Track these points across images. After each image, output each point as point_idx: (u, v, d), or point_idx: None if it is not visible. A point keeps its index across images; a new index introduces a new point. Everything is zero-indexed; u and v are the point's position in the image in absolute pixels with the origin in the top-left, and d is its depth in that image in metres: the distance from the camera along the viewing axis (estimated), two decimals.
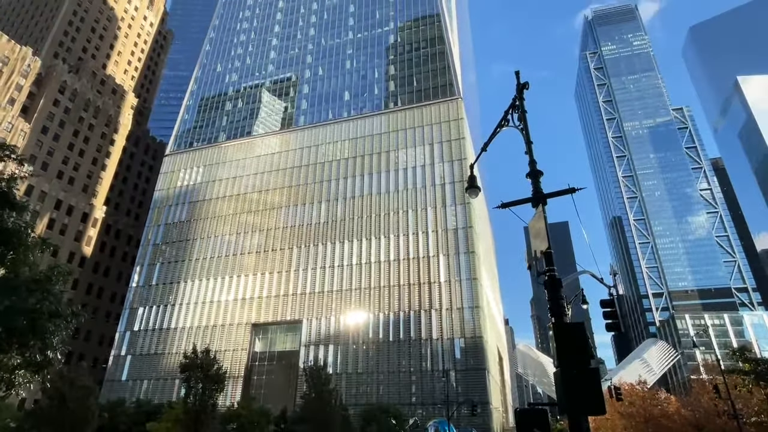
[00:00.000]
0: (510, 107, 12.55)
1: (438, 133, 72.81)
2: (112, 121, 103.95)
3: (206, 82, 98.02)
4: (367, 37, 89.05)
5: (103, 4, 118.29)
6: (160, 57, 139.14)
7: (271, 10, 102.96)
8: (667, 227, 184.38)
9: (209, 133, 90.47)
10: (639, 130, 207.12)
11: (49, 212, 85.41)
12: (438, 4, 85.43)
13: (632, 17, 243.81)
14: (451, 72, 77.74)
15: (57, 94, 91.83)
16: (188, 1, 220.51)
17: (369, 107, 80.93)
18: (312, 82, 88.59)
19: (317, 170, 77.38)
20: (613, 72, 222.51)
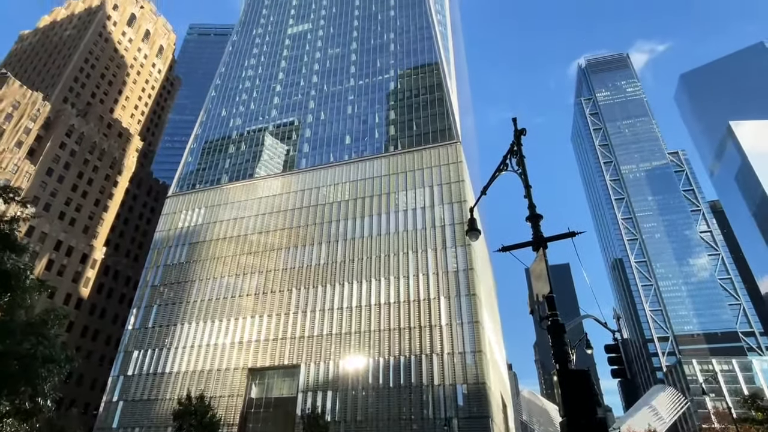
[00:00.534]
0: (508, 152, 12.83)
1: (438, 176, 73.73)
2: (116, 163, 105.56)
3: (211, 126, 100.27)
4: (368, 84, 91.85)
5: (114, 52, 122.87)
6: (166, 102, 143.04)
7: (276, 58, 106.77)
8: (669, 269, 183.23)
9: (212, 175, 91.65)
10: (636, 173, 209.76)
11: (48, 253, 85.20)
12: (436, 54, 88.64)
13: (624, 65, 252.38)
14: (450, 117, 79.65)
15: (64, 137, 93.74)
16: (196, 49, 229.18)
17: (370, 150, 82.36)
18: (314, 126, 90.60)
19: (318, 212, 77.82)
20: (608, 117, 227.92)
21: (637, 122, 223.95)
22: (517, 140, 12.87)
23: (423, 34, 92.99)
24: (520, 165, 12.31)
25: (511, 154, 12.77)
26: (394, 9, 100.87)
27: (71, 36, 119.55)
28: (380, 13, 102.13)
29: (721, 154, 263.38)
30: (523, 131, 13.01)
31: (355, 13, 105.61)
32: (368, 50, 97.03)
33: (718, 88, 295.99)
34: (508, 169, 12.85)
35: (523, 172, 12.27)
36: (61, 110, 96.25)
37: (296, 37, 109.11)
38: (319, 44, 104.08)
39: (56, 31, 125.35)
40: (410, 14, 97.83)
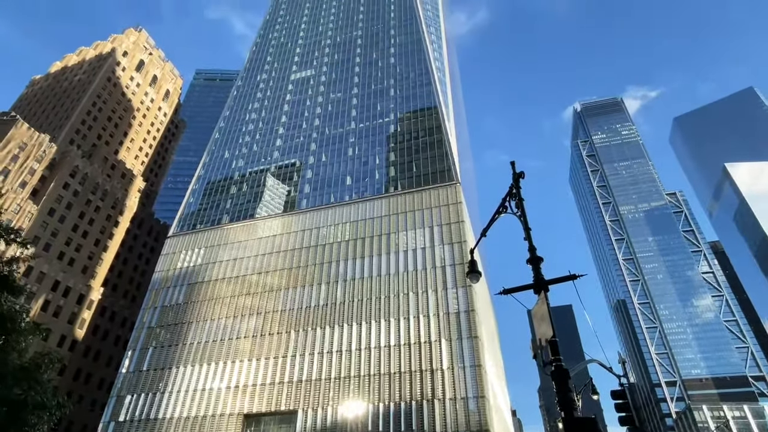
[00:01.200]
0: (507, 195, 12.98)
1: (438, 217, 74.06)
2: (118, 203, 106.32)
3: (213, 167, 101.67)
4: (368, 127, 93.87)
5: (122, 96, 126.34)
6: (171, 144, 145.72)
7: (279, 102, 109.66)
8: (673, 311, 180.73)
9: (213, 215, 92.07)
10: (635, 213, 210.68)
11: (45, 293, 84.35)
12: (435, 98, 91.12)
13: (618, 109, 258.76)
14: (449, 158, 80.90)
15: (68, 178, 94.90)
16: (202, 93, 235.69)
17: (370, 191, 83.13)
18: (315, 168, 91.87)
19: (318, 252, 77.62)
20: (605, 159, 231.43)
21: (634, 164, 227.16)
22: (515, 183, 13.06)
23: (422, 80, 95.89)
24: (519, 208, 12.43)
25: (510, 197, 12.92)
26: (394, 57, 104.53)
27: (81, 81, 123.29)
28: (381, 61, 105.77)
29: (718, 195, 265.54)
30: (522, 174, 13.22)
31: (357, 60, 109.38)
32: (369, 95, 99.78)
33: (711, 130, 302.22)
34: (507, 212, 12.96)
35: (522, 214, 12.37)
36: (67, 151, 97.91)
37: (299, 82, 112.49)
38: (322, 89, 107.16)
39: (67, 76, 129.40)
40: (410, 61, 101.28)
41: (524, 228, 11.95)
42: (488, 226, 13.45)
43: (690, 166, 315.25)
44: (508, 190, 12.99)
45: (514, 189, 12.98)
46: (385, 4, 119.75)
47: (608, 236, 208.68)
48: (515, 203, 12.74)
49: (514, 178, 13.23)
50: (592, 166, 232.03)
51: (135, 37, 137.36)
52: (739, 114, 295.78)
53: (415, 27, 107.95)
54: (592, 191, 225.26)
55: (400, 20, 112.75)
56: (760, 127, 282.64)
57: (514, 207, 12.74)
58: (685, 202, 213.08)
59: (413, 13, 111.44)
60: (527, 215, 12.51)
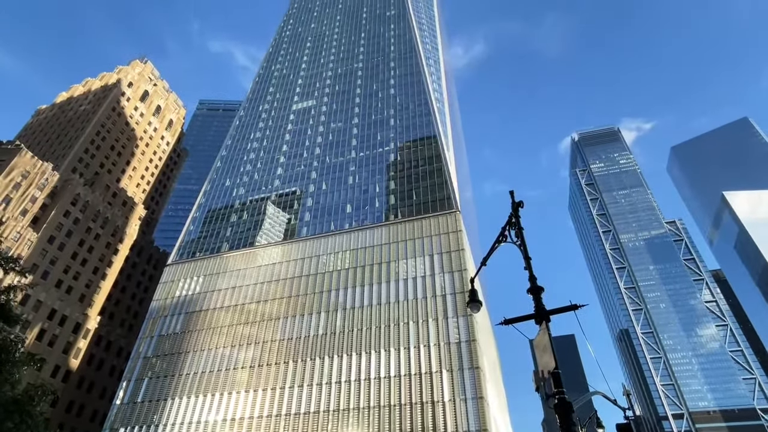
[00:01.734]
0: (507, 224, 13.02)
1: (438, 245, 73.93)
2: (118, 231, 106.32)
3: (214, 195, 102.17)
4: (369, 156, 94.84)
5: (126, 125, 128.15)
6: (172, 172, 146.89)
7: (281, 132, 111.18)
8: (678, 341, 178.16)
9: (212, 243, 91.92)
10: (635, 242, 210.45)
11: (41, 322, 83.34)
12: (434, 128, 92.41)
13: (616, 138, 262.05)
14: (448, 187, 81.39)
15: (69, 205, 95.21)
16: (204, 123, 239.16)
17: (370, 219, 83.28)
18: (316, 196, 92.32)
19: (317, 280, 77.12)
20: (603, 187, 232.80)
21: (633, 192, 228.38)
22: (515, 212, 13.12)
23: (422, 111, 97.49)
24: (519, 237, 12.46)
25: (509, 226, 12.96)
26: (394, 88, 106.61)
27: (86, 110, 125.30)
28: (381, 92, 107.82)
29: (718, 223, 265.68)
30: (521, 203, 13.30)
31: (357, 91, 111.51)
32: (369, 125, 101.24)
33: (708, 159, 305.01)
34: (507, 241, 12.98)
35: (522, 243, 12.39)
36: (69, 180, 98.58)
37: (301, 112, 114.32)
38: (323, 119, 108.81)
39: (72, 106, 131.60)
40: (409, 92, 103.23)
41: (524, 257, 11.94)
42: (488, 255, 13.45)
43: (688, 194, 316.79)
44: (507, 219, 13.05)
45: (513, 218, 13.04)
46: (386, 38, 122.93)
47: (609, 265, 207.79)
48: (515, 232, 12.77)
49: (513, 207, 13.30)
50: (591, 194, 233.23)
51: (140, 68, 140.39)
52: (735, 143, 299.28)
53: (414, 60, 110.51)
54: (592, 219, 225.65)
55: (400, 53, 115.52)
56: (755, 157, 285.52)
57: (514, 236, 12.76)
58: (685, 230, 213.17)
59: (413, 47, 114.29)
60: (527, 244, 12.52)
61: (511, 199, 13.53)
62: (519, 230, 12.59)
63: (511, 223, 12.89)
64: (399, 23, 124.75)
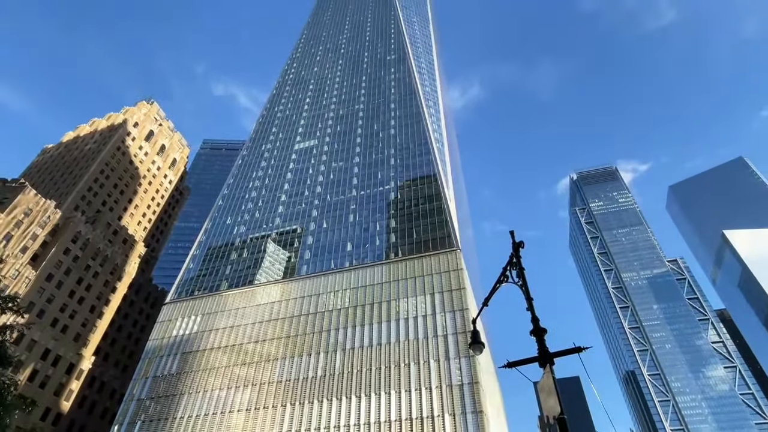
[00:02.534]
0: (507, 264, 13.04)
1: (438, 283, 73.35)
2: (117, 269, 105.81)
3: (215, 233, 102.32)
4: (369, 194, 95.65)
5: (130, 163, 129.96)
6: (174, 210, 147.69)
7: (283, 170, 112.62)
8: (686, 383, 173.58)
9: (211, 281, 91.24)
10: (638, 281, 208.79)
11: (34, 362, 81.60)
12: (434, 167, 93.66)
13: (614, 177, 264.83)
14: (449, 225, 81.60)
15: (69, 243, 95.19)
16: (207, 161, 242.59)
17: (370, 258, 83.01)
18: (316, 234, 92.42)
19: (317, 319, 76.03)
20: (603, 226, 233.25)
21: (633, 231, 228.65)
22: (515, 253, 13.16)
23: (421, 150, 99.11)
24: (521, 277, 12.45)
25: (510, 266, 12.97)
26: (394, 128, 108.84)
27: (91, 149, 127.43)
28: (381, 132, 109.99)
29: (720, 262, 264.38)
30: (521, 244, 13.35)
31: (358, 131, 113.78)
32: (370, 164, 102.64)
33: (706, 198, 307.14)
34: (508, 281, 12.96)
35: (523, 284, 12.36)
36: (71, 217, 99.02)
37: (303, 152, 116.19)
38: (324, 158, 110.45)
39: (78, 145, 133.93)
40: (409, 132, 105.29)
41: (526, 298, 11.90)
42: (490, 295, 13.40)
43: (688, 232, 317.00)
44: (508, 259, 13.07)
45: (514, 258, 13.07)
46: (386, 81, 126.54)
47: (612, 304, 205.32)
48: (516, 273, 12.77)
49: (513, 247, 13.36)
50: (591, 233, 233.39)
51: (146, 109, 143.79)
52: (732, 182, 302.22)
53: (414, 101, 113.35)
54: (593, 258, 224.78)
55: (400, 95, 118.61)
56: (753, 195, 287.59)
57: (515, 276, 12.75)
58: (687, 269, 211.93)
59: (412, 89, 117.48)
60: (528, 285, 12.49)
61: (512, 240, 13.60)
62: (520, 270, 12.59)
63: (512, 263, 12.92)
64: (399, 67, 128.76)
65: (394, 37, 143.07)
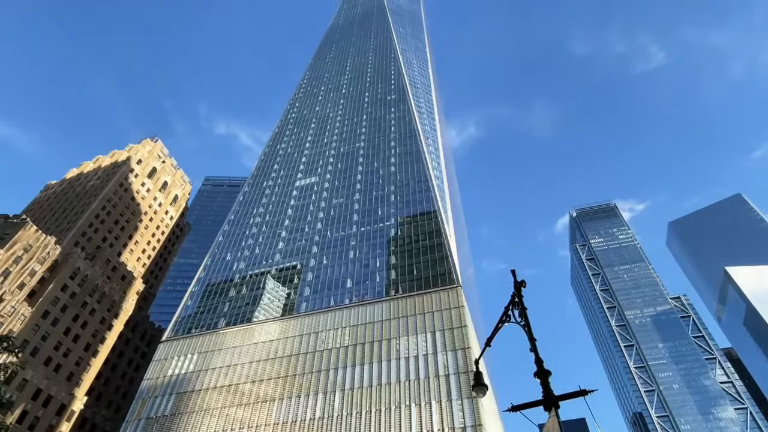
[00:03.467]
0: (509, 304, 12.94)
1: (440, 321, 72.32)
2: (115, 306, 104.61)
3: (214, 269, 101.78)
4: (369, 231, 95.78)
5: (131, 200, 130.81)
6: (174, 246, 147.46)
7: (283, 207, 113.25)
8: (696, 425, 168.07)
9: (209, 319, 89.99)
10: (641, 318, 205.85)
11: (24, 403, 79.37)
12: (434, 203, 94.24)
13: (613, 214, 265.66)
14: (449, 261, 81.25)
15: (67, 279, 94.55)
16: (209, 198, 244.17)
17: (371, 295, 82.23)
18: (316, 270, 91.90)
19: (315, 359, 74.49)
20: (605, 262, 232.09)
21: (634, 267, 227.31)
22: (517, 292, 13.08)
23: (421, 187, 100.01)
24: (523, 317, 12.34)
25: (512, 306, 12.87)
26: (395, 165, 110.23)
27: (94, 186, 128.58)
28: (381, 169, 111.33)
29: (724, 299, 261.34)
30: (523, 283, 13.28)
31: (359, 168, 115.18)
32: (370, 200, 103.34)
33: (706, 235, 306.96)
34: (510, 321, 12.82)
35: (526, 324, 12.23)
36: (70, 253, 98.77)
37: (304, 188, 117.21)
38: (325, 195, 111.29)
39: (81, 181, 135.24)
40: (409, 170, 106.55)
41: (529, 339, 11.76)
42: (492, 336, 13.24)
43: (690, 269, 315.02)
44: (510, 299, 12.99)
45: (516, 298, 12.98)
46: (386, 120, 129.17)
47: (617, 342, 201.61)
48: (518, 312, 12.66)
49: (515, 286, 13.29)
50: (592, 269, 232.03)
51: (150, 146, 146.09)
52: (732, 219, 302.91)
53: (414, 139, 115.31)
54: (596, 295, 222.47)
55: (400, 133, 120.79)
56: (753, 232, 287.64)
57: (518, 316, 12.63)
58: (690, 306, 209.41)
59: (412, 128, 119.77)
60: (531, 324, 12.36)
61: (513, 279, 13.56)
62: (522, 310, 12.49)
63: (514, 302, 12.83)
64: (399, 106, 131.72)
65: (394, 78, 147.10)
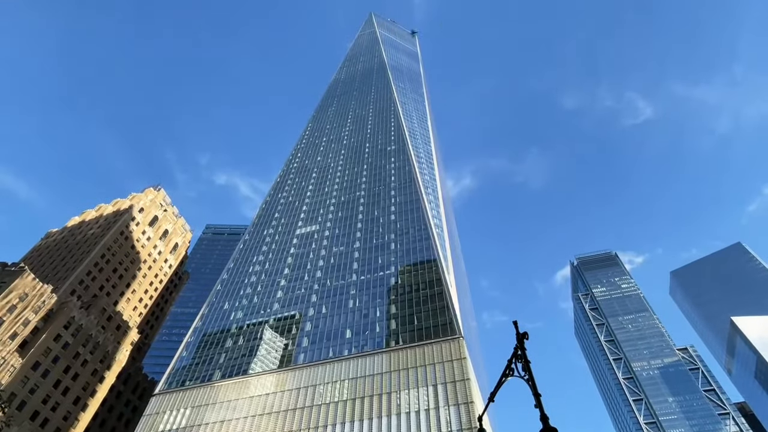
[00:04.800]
0: (512, 357, 12.68)
1: (441, 374, 70.21)
2: (108, 357, 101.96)
3: (211, 319, 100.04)
4: (369, 279, 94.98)
5: (131, 248, 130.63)
6: (171, 295, 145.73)
7: (283, 255, 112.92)
8: None
9: (204, 371, 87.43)
10: (649, 370, 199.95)
11: None
12: (434, 252, 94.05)
13: (615, 263, 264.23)
14: (450, 311, 79.98)
15: (61, 329, 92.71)
16: (209, 246, 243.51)
17: (370, 345, 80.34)
18: (315, 320, 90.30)
19: (313, 414, 71.65)
20: (608, 312, 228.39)
21: (639, 317, 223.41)
22: (520, 344, 12.84)
23: (421, 235, 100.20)
24: (527, 371, 12.06)
25: (515, 359, 12.61)
26: (395, 214, 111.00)
27: (94, 234, 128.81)
28: (382, 217, 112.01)
29: (732, 350, 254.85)
30: (526, 335, 13.07)
31: (359, 216, 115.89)
32: (370, 248, 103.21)
33: (710, 283, 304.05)
34: (514, 375, 12.52)
35: (530, 378, 11.94)
36: (66, 302, 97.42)
37: (304, 236, 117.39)
38: (325, 243, 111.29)
39: (82, 229, 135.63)
40: (409, 218, 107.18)
41: (534, 395, 11.43)
42: (495, 390, 12.88)
43: (695, 319, 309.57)
44: (513, 351, 12.74)
45: (519, 350, 12.73)
46: (386, 170, 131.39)
47: (624, 396, 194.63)
48: (522, 366, 12.38)
49: (518, 338, 13.05)
50: (596, 320, 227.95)
51: (153, 195, 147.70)
52: (733, 268, 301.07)
53: (413, 188, 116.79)
54: (601, 346, 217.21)
55: (400, 182, 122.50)
56: (756, 281, 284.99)
57: (521, 370, 12.35)
58: (699, 357, 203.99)
59: (412, 177, 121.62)
60: (535, 379, 12.04)
61: (516, 330, 13.35)
62: (526, 364, 12.23)
63: (517, 355, 12.58)
64: (399, 156, 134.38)
65: (394, 129, 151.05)
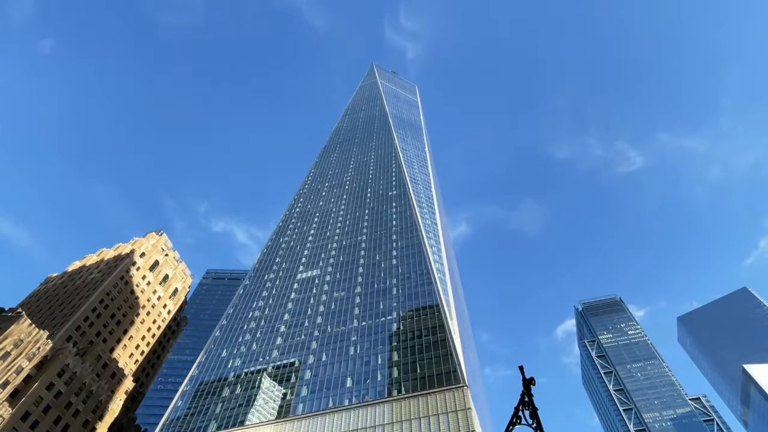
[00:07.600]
0: (519, 403, 12.33)
1: (445, 425, 67.59)
2: (101, 406, 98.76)
3: (208, 367, 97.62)
4: (371, 325, 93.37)
5: (130, 293, 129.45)
6: (169, 341, 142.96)
7: (283, 300, 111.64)
8: None
9: (199, 421, 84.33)
10: (662, 422, 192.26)
11: None
12: (437, 297, 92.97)
13: (620, 308, 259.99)
14: (454, 358, 78.06)
15: (54, 377, 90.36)
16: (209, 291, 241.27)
17: (372, 395, 77.87)
18: (315, 368, 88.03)
19: None
20: (616, 360, 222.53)
21: (648, 365, 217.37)
22: (527, 390, 12.52)
23: (423, 280, 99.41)
24: (534, 418, 11.71)
25: (522, 406, 12.27)
26: (396, 258, 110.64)
27: (94, 279, 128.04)
28: (383, 262, 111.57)
29: (747, 400, 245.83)
30: (533, 380, 12.76)
31: (361, 261, 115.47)
32: (372, 293, 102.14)
33: (717, 329, 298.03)
34: (521, 423, 12.14)
35: (538, 426, 11.58)
36: (61, 349, 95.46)
37: (305, 281, 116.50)
38: (326, 288, 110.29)
39: (82, 274, 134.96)
40: (411, 263, 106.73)
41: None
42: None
43: (705, 366, 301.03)
44: (519, 398, 12.41)
45: (526, 396, 12.40)
46: (388, 214, 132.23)
47: None
48: (529, 413, 12.03)
49: (524, 384, 12.74)
50: (604, 367, 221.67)
51: (155, 239, 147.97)
52: (741, 313, 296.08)
53: (415, 233, 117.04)
54: (610, 396, 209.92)
55: (402, 227, 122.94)
56: (764, 326, 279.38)
57: (528, 417, 11.99)
58: (712, 408, 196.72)
59: (413, 222, 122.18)
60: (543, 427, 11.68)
61: (522, 375, 13.05)
62: (533, 411, 11.88)
63: (524, 402, 12.24)
64: (400, 201, 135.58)
65: (395, 175, 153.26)
